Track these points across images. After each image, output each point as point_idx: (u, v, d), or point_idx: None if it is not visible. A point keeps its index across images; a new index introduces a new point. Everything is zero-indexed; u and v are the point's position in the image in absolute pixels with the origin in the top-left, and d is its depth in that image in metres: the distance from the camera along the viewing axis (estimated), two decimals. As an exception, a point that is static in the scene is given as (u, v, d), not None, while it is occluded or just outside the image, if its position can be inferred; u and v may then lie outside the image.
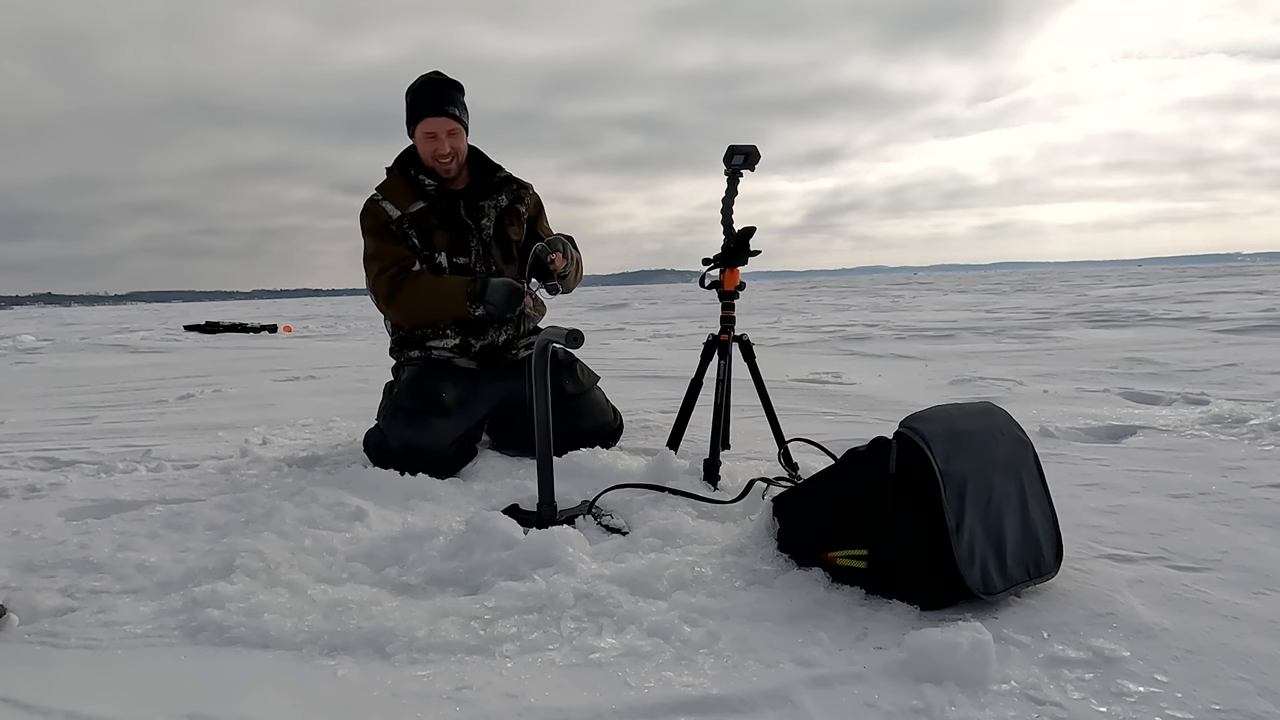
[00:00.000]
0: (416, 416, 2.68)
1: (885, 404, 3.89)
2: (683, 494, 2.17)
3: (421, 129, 2.78)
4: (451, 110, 2.78)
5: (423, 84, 2.80)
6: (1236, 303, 11.56)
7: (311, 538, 1.95)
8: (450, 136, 2.78)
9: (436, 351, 2.85)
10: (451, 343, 2.84)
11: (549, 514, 2.05)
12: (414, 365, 2.86)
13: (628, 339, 9.48)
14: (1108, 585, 1.61)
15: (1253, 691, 1.23)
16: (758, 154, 2.47)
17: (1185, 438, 2.92)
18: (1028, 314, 11.13)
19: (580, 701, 1.23)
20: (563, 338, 2.05)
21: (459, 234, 2.82)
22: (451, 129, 2.78)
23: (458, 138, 2.81)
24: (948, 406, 1.72)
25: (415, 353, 2.88)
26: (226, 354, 9.15)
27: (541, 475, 2.06)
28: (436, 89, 2.79)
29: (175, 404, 4.77)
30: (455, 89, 2.82)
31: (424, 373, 2.80)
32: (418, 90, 2.80)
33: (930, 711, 1.19)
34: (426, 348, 2.86)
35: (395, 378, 2.94)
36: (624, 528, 2.00)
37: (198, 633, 1.52)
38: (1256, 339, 6.63)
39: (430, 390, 2.72)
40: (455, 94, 2.81)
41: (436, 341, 2.85)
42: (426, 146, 2.80)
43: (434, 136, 2.77)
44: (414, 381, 2.78)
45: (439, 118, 2.76)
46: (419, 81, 2.82)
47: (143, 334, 14.60)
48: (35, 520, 2.26)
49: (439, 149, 2.78)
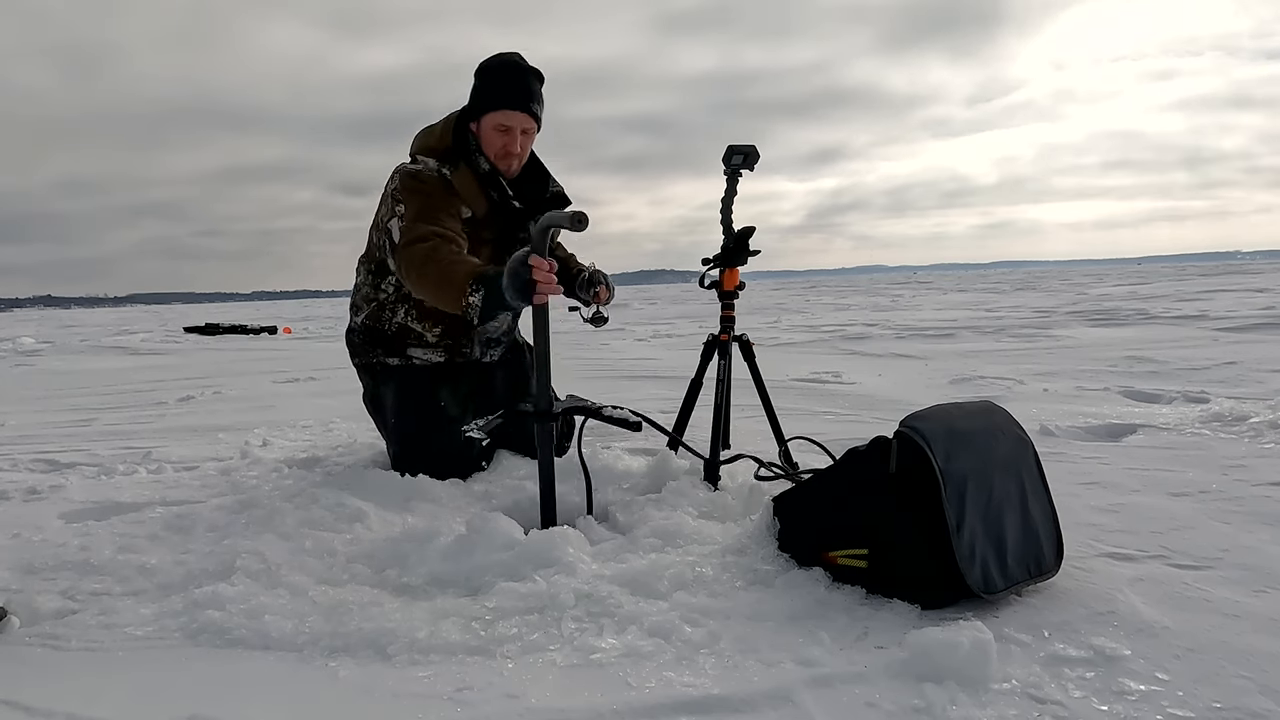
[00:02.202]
0: (430, 435, 2.53)
1: (885, 403, 3.89)
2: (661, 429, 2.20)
3: (495, 120, 2.43)
4: (534, 108, 2.46)
5: (505, 67, 2.44)
6: (1236, 301, 11.56)
7: (312, 539, 1.95)
8: (524, 135, 2.48)
9: (419, 360, 2.61)
10: (436, 358, 2.62)
11: (545, 404, 1.99)
12: (392, 379, 2.62)
13: (628, 339, 9.48)
14: (1108, 584, 1.61)
15: (1254, 689, 1.23)
16: (757, 154, 2.47)
17: (1185, 436, 2.92)
18: (1028, 313, 11.13)
19: (581, 702, 1.23)
20: (567, 220, 1.83)
21: (502, 251, 2.51)
22: (527, 126, 2.47)
23: (530, 137, 2.51)
24: (948, 406, 1.72)
25: (394, 360, 2.62)
26: (226, 356, 9.15)
27: (539, 370, 2.03)
28: (522, 77, 2.44)
29: (175, 406, 4.77)
30: (539, 80, 2.49)
31: (411, 388, 2.60)
32: (501, 74, 2.44)
33: (931, 711, 1.19)
34: (408, 356, 2.61)
35: (371, 387, 2.70)
36: (630, 418, 1.99)
37: (199, 634, 1.52)
38: (1256, 337, 6.64)
39: (427, 402, 2.58)
40: (539, 87, 2.48)
41: (419, 350, 2.61)
42: (495, 140, 2.46)
43: (507, 131, 2.44)
44: (406, 402, 2.59)
45: (520, 113, 2.43)
46: (499, 62, 2.46)
47: (143, 336, 14.60)
48: (36, 522, 2.26)
49: (510, 145, 2.46)
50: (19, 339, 13.65)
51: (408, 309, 2.59)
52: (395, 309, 2.61)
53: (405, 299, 2.59)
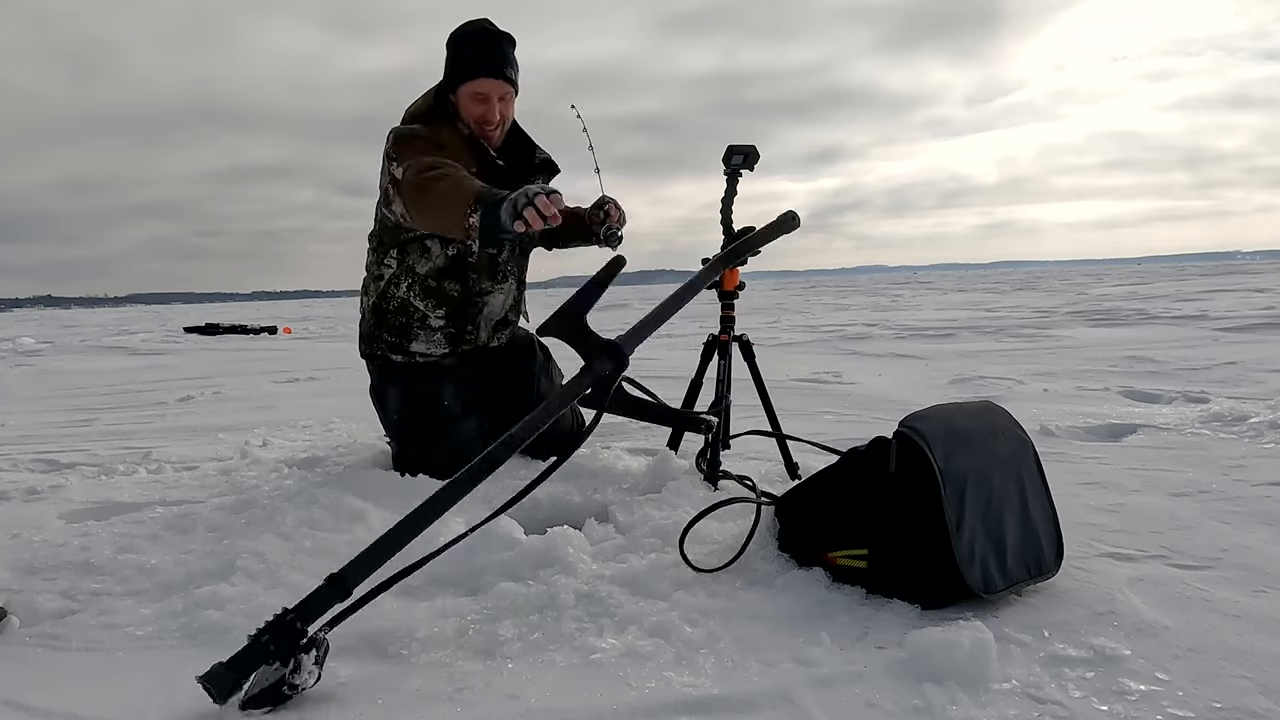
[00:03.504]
0: (434, 433, 2.52)
1: (885, 403, 3.89)
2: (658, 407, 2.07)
3: (470, 89, 2.40)
4: (509, 73, 2.42)
5: (476, 34, 2.42)
6: (1236, 301, 11.56)
7: (312, 539, 1.95)
8: (502, 102, 2.43)
9: (422, 356, 2.59)
10: (440, 351, 2.59)
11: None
12: (396, 378, 2.61)
13: (628, 339, 9.47)
14: (1108, 584, 1.61)
15: (1254, 689, 1.23)
16: (756, 154, 2.46)
17: (1185, 436, 2.92)
18: (1027, 313, 11.13)
19: (581, 702, 1.23)
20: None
21: None
22: (504, 93, 2.43)
23: (508, 104, 2.47)
24: (948, 406, 1.73)
25: (397, 357, 2.59)
26: (226, 355, 9.16)
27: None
28: (493, 43, 2.41)
29: (175, 406, 4.77)
30: (511, 45, 2.45)
31: (414, 387, 2.58)
32: (471, 41, 2.41)
33: (931, 711, 1.19)
34: (410, 353, 2.58)
35: (377, 382, 2.68)
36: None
37: (199, 635, 1.52)
38: (1256, 337, 6.64)
39: (431, 402, 2.56)
40: (512, 52, 2.45)
41: (422, 345, 2.58)
42: (473, 109, 2.42)
43: (484, 99, 2.40)
44: (409, 402, 2.57)
45: (496, 80, 2.39)
46: (471, 29, 2.43)
47: (142, 336, 14.61)
48: (36, 523, 2.26)
49: (488, 114, 2.42)
50: (19, 339, 13.65)
51: (410, 284, 2.54)
52: (398, 284, 2.55)
53: (409, 272, 2.54)
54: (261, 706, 1.25)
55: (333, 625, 1.35)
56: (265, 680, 1.26)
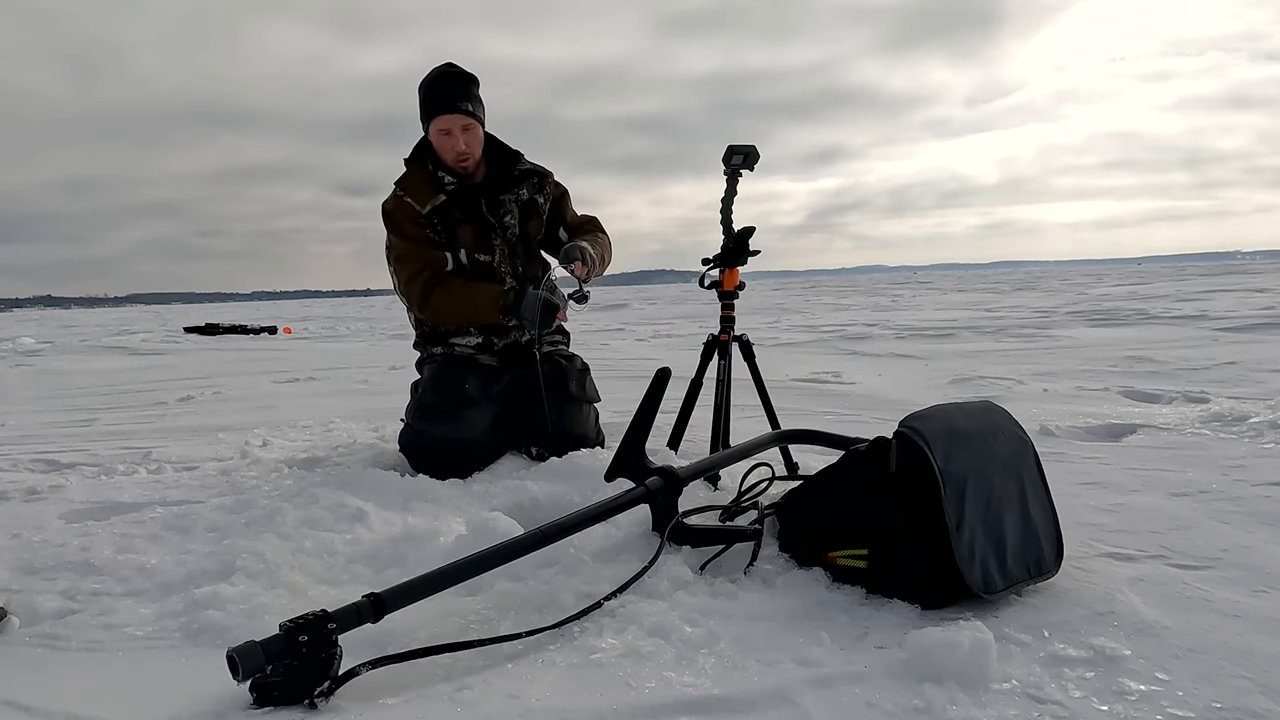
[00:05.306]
0: (445, 411, 2.67)
1: (885, 403, 3.89)
2: None
3: (436, 126, 2.67)
4: (465, 106, 2.65)
5: (435, 78, 2.68)
6: (1236, 301, 11.56)
7: (312, 539, 1.95)
8: (465, 133, 2.67)
9: (460, 348, 2.81)
10: (475, 340, 2.80)
11: None
12: (435, 361, 2.83)
13: (628, 339, 9.49)
14: (1108, 584, 1.61)
15: (1254, 689, 1.23)
16: (756, 154, 2.47)
17: (1185, 436, 2.92)
18: (1027, 313, 11.13)
19: (581, 702, 1.23)
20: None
21: (482, 231, 2.75)
22: (466, 124, 2.66)
23: (473, 134, 2.70)
24: (948, 406, 1.73)
25: (438, 349, 2.84)
26: (226, 356, 9.16)
27: None
28: (450, 83, 2.67)
29: (175, 406, 4.77)
30: (470, 82, 2.69)
31: (445, 368, 2.78)
32: (430, 85, 2.68)
33: (931, 711, 1.19)
34: (450, 344, 2.82)
35: (419, 366, 2.93)
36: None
37: (199, 635, 1.52)
38: (1256, 337, 6.64)
39: (454, 384, 2.72)
40: (470, 87, 2.69)
41: (460, 338, 2.81)
42: (442, 144, 2.69)
43: (448, 134, 2.66)
44: (436, 377, 2.77)
45: (453, 115, 2.64)
46: (431, 75, 2.69)
47: (142, 336, 14.61)
48: (36, 522, 2.26)
49: (455, 146, 2.68)
50: (19, 339, 13.65)
51: (447, 329, 2.86)
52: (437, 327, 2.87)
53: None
54: (269, 696, 1.25)
55: (373, 666, 1.32)
56: (287, 676, 1.26)
